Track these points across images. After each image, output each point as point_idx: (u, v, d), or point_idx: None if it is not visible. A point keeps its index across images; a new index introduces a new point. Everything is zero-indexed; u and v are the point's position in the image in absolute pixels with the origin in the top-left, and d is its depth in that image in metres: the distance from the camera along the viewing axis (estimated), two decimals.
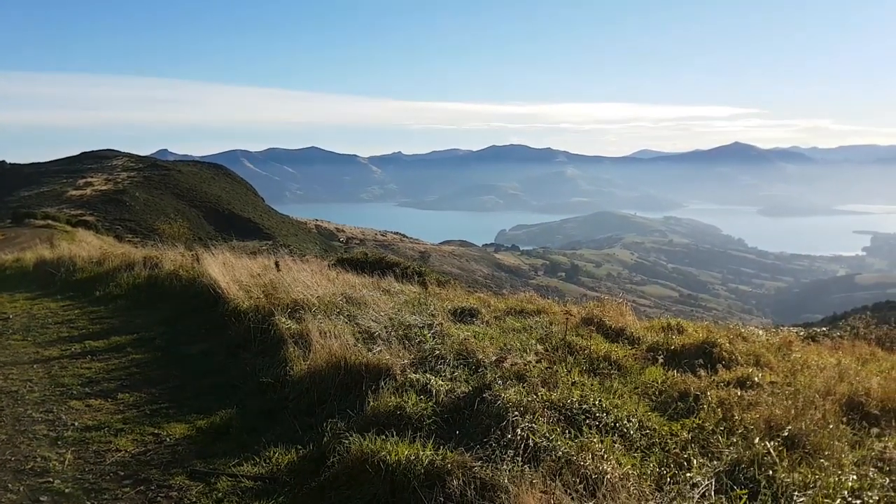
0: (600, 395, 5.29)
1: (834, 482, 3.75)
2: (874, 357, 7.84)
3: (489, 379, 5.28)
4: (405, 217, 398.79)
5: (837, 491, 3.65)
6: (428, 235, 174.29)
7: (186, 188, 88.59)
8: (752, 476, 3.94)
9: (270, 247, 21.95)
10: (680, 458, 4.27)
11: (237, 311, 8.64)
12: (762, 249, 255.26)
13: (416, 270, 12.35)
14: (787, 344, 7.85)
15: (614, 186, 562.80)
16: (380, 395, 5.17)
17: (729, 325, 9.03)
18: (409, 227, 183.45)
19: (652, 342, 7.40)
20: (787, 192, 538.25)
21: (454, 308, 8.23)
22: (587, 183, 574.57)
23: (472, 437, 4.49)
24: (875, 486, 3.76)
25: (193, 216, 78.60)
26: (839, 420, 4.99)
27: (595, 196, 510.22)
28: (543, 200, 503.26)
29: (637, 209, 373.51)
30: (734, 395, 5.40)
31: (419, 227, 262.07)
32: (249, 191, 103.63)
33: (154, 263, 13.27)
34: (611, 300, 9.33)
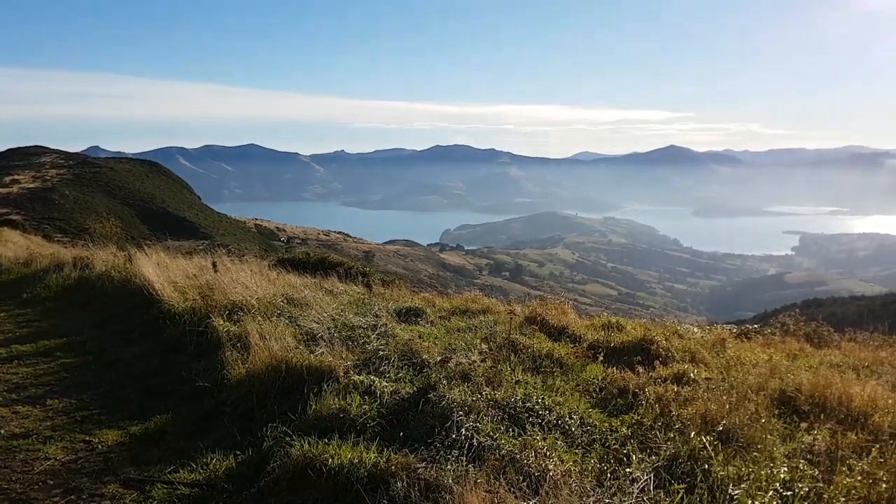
0: (543, 393, 5.36)
1: (766, 475, 3.89)
2: (803, 353, 8.20)
3: (434, 379, 5.27)
4: (349, 216, 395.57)
5: (770, 483, 3.79)
6: (372, 235, 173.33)
7: (119, 186, 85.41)
8: (690, 470, 4.05)
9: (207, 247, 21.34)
10: (620, 453, 4.35)
11: (172, 314, 8.34)
12: (697, 249, 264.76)
13: (361, 270, 12.22)
14: (720, 341, 8.12)
15: (557, 187, 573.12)
16: (322, 398, 5.08)
17: (665, 322, 9.29)
18: (352, 227, 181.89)
19: (593, 340, 7.54)
20: (720, 194, 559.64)
21: (399, 308, 8.18)
22: (530, 184, 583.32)
23: (417, 439, 4.46)
24: (805, 478, 3.91)
25: (126, 215, 75.83)
26: (771, 414, 5.18)
27: (538, 197, 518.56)
28: (488, 200, 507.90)
29: (578, 210, 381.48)
30: (671, 390, 5.55)
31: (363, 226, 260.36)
32: (185, 189, 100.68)
33: (85, 264, 12.72)
34: (553, 299, 9.47)
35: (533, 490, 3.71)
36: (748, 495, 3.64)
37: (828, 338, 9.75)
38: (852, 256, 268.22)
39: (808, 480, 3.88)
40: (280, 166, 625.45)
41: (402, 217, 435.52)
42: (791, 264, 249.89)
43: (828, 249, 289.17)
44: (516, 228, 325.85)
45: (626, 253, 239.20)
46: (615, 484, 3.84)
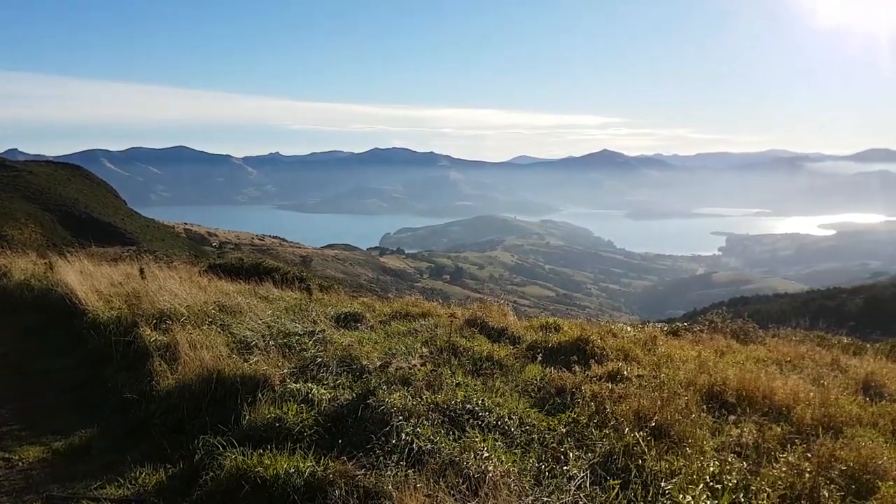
0: (483, 394, 5.39)
1: (697, 468, 4.02)
2: (730, 349, 8.53)
3: (373, 385, 5.22)
4: (285, 220, 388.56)
5: (700, 477, 3.92)
6: (310, 239, 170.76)
7: (38, 190, 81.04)
8: (624, 466, 4.15)
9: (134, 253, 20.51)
10: (557, 451, 4.42)
11: (97, 324, 7.97)
12: (629, 250, 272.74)
13: (298, 275, 11.99)
14: (652, 339, 8.37)
15: (495, 191, 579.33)
16: (257, 408, 4.96)
17: (601, 322, 9.51)
18: (289, 231, 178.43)
19: (532, 341, 7.64)
20: (652, 197, 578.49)
21: (337, 313, 8.07)
22: (470, 187, 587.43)
23: (356, 445, 4.41)
24: (734, 470, 4.06)
25: (47, 221, 72.04)
26: (701, 409, 5.37)
27: (477, 200, 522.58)
28: (428, 204, 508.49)
29: (517, 213, 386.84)
30: (606, 388, 5.67)
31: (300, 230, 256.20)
32: (110, 193, 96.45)
33: (2, 273, 12.02)
34: (493, 301, 9.55)
35: (472, 492, 3.72)
36: (680, 489, 3.75)
37: (753, 334, 10.18)
38: (775, 256, 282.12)
39: (736, 473, 4.03)
40: (211, 169, 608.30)
41: (341, 220, 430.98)
42: (718, 264, 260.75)
43: (752, 249, 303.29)
44: (457, 232, 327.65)
45: (564, 255, 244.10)
46: (553, 482, 3.89)
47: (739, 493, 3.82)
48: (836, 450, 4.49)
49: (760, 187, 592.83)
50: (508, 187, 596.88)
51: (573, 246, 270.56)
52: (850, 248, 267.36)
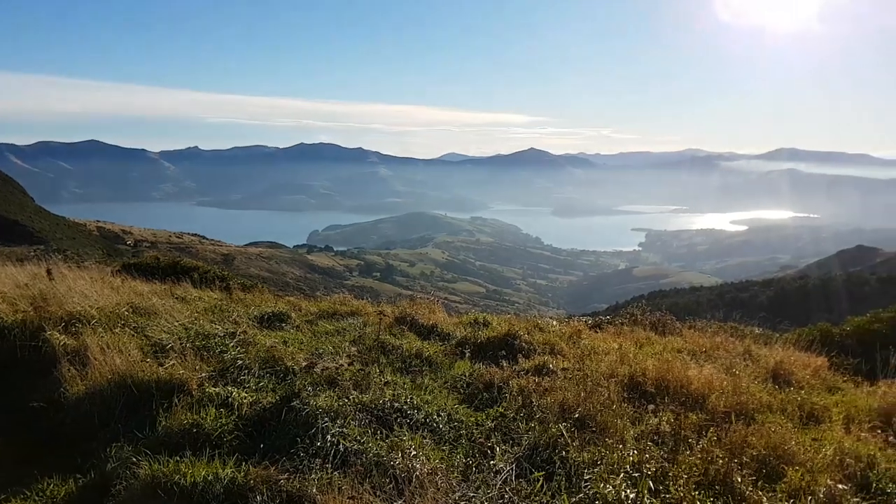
0: (412, 392, 5.37)
1: (618, 458, 4.13)
2: (649, 341, 8.81)
3: (298, 386, 5.09)
4: (205, 217, 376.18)
5: (621, 466, 4.03)
6: (232, 237, 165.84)
7: None
8: (549, 457, 4.22)
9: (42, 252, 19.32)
10: (485, 446, 4.45)
11: (0, 328, 7.43)
12: (556, 247, 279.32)
13: (218, 275, 11.57)
14: (577, 332, 8.56)
15: (425, 187, 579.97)
16: (173, 414, 4.75)
17: (528, 317, 9.65)
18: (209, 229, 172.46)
19: (461, 337, 7.67)
20: (576, 195, 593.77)
21: (261, 314, 7.83)
22: (400, 184, 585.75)
23: (280, 449, 4.30)
24: (652, 458, 4.19)
25: None
26: (622, 399, 5.52)
27: (408, 197, 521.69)
28: (357, 200, 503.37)
29: (447, 210, 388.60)
30: (532, 382, 5.75)
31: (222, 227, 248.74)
32: (16, 189, 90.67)
33: None
34: (423, 298, 9.53)
35: (399, 491, 3.69)
36: (601, 479, 3.85)
37: (671, 326, 10.56)
38: (692, 251, 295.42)
39: (655, 461, 4.17)
40: (126, 164, 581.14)
41: (266, 217, 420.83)
42: (639, 259, 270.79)
43: (670, 245, 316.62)
44: (387, 229, 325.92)
45: (493, 251, 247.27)
46: (480, 477, 3.91)
47: (657, 481, 3.95)
48: (748, 436, 4.71)
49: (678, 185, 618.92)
50: (439, 184, 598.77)
51: (503, 242, 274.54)
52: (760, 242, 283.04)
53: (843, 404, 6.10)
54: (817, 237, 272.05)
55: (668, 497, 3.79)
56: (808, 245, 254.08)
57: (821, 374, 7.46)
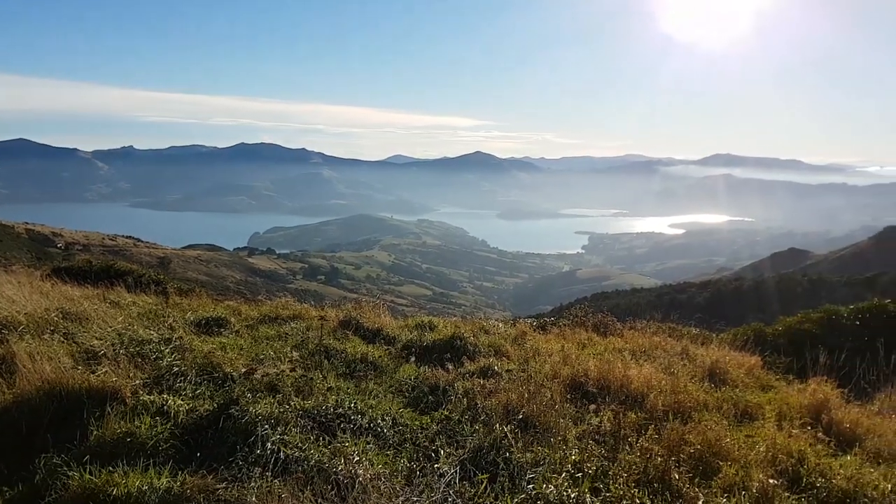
0: (356, 397, 5.31)
1: (560, 457, 4.18)
2: (591, 341, 8.98)
3: (237, 393, 4.95)
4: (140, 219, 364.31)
5: (563, 465, 4.08)
6: (169, 239, 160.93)
7: None
8: (493, 459, 4.24)
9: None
10: (429, 450, 4.44)
11: None
12: (502, 249, 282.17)
13: (154, 279, 11.18)
14: (521, 334, 8.66)
15: (371, 189, 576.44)
16: (106, 422, 4.54)
17: (474, 319, 9.70)
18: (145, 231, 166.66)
19: (407, 340, 7.64)
20: (521, 198, 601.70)
21: (198, 319, 7.59)
22: (344, 185, 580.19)
23: (217, 458, 4.17)
24: (594, 458, 4.26)
25: None
26: (565, 399, 5.59)
27: (353, 199, 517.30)
28: (300, 202, 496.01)
29: (393, 212, 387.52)
30: (478, 384, 5.78)
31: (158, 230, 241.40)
32: None
33: None
34: (369, 302, 9.44)
35: (341, 497, 3.63)
36: (544, 479, 3.89)
37: (612, 327, 10.78)
38: (632, 253, 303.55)
39: (596, 460, 4.24)
40: (56, 163, 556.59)
41: (204, 219, 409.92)
42: (582, 261, 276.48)
43: (612, 247, 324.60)
44: (332, 231, 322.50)
45: (440, 254, 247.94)
46: (424, 481, 3.89)
47: (598, 479, 4.01)
48: (686, 434, 4.84)
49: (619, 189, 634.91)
50: (385, 186, 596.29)
51: (449, 245, 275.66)
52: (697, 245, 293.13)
53: (776, 402, 6.33)
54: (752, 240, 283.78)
55: (608, 495, 3.85)
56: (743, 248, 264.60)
57: (754, 372, 7.74)
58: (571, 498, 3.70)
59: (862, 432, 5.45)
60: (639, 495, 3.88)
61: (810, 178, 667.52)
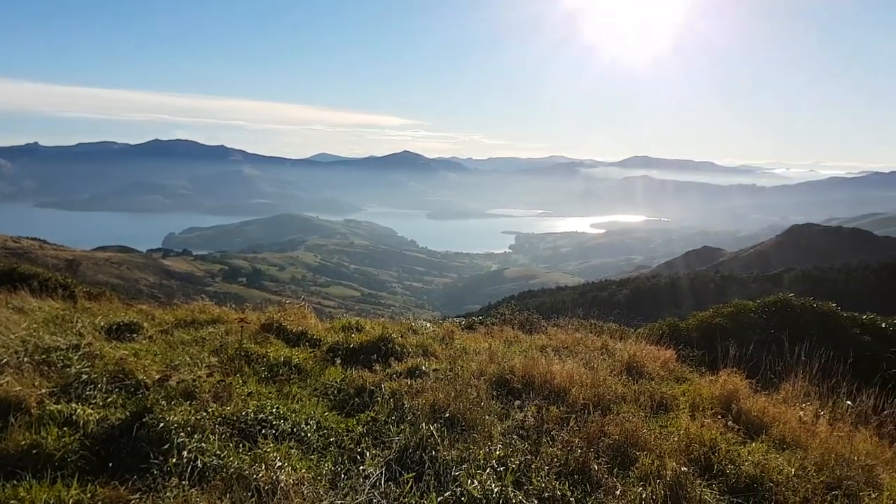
0: (278, 402, 5.20)
1: (484, 453, 4.23)
2: (517, 339, 9.14)
3: (151, 401, 4.75)
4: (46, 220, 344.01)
5: (488, 461, 4.14)
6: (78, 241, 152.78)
7: None
8: (419, 458, 4.24)
9: None
10: (355, 452, 4.40)
11: None
12: (432, 249, 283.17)
13: (61, 282, 10.57)
14: (449, 333, 8.72)
15: (295, 188, 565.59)
16: (9, 434, 4.27)
17: (402, 320, 9.68)
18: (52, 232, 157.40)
19: (333, 342, 7.54)
20: (450, 198, 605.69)
21: (109, 324, 7.22)
22: (267, 184, 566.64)
23: (131, 468, 4.00)
24: (517, 452, 4.34)
25: None
26: (491, 396, 5.67)
27: (276, 198, 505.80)
28: (219, 201, 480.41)
29: (319, 212, 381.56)
30: (405, 384, 5.78)
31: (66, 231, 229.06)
32: None
33: None
34: (293, 304, 9.25)
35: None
36: (469, 475, 3.93)
37: (537, 324, 11.03)
38: (557, 253, 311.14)
39: (520, 454, 4.32)
40: None
41: (116, 220, 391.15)
42: (509, 261, 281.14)
43: (538, 247, 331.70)
44: (253, 231, 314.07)
45: (368, 254, 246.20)
46: (348, 483, 3.86)
47: (521, 473, 4.09)
48: (605, 425, 5.00)
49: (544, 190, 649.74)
50: (310, 185, 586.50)
51: (377, 245, 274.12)
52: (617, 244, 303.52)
53: (689, 393, 6.59)
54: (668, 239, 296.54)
55: (530, 488, 3.93)
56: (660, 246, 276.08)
57: (669, 365, 8.05)
58: (495, 492, 3.76)
59: (768, 420, 5.74)
60: (560, 487, 3.98)
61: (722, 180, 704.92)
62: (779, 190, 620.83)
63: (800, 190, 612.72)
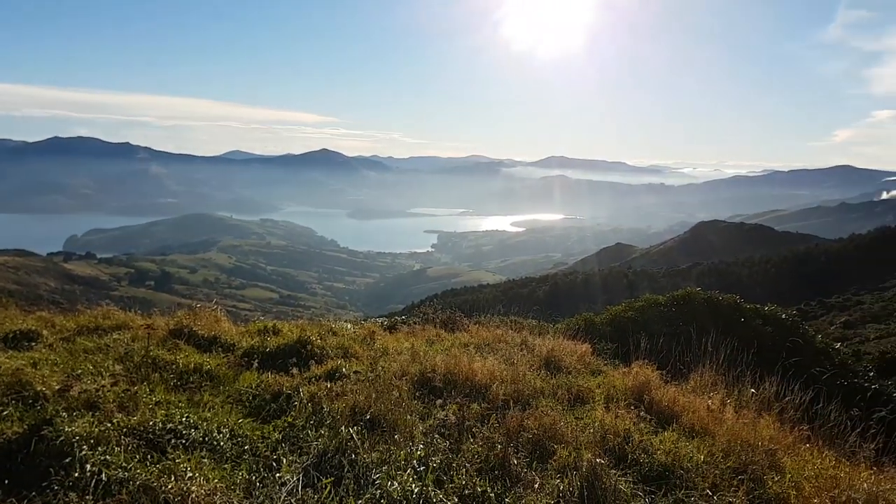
0: (189, 410, 4.97)
1: (405, 454, 4.21)
2: (440, 338, 9.15)
3: (50, 413, 4.44)
4: None
5: (408, 462, 4.12)
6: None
7: None
8: (339, 462, 4.16)
9: None
10: (270, 459, 4.27)
11: None
12: (353, 249, 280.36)
13: None
14: (371, 334, 8.63)
15: (207, 187, 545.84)
16: None
17: (322, 321, 9.50)
18: None
19: (248, 347, 7.30)
20: (370, 197, 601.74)
21: (5, 333, 6.71)
22: (176, 183, 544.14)
23: (28, 484, 3.74)
24: (439, 451, 4.34)
25: None
26: (412, 396, 5.65)
27: (186, 197, 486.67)
28: (124, 201, 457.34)
29: (233, 211, 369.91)
30: (324, 388, 5.65)
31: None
32: None
33: None
34: (205, 307, 8.91)
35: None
36: (389, 476, 3.89)
37: (459, 323, 11.10)
38: (479, 251, 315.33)
39: (441, 453, 4.32)
40: None
41: (13, 221, 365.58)
42: (432, 260, 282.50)
43: (460, 246, 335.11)
44: (162, 232, 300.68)
45: (286, 255, 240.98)
46: (264, 492, 3.74)
47: (442, 472, 4.10)
48: (524, 420, 5.08)
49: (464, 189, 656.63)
50: (223, 184, 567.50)
51: (296, 245, 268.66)
52: (537, 242, 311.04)
53: (604, 386, 6.79)
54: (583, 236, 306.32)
55: (451, 487, 3.94)
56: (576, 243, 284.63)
57: (585, 359, 8.28)
58: (415, 493, 3.74)
59: (679, 409, 5.99)
60: (480, 483, 4.01)
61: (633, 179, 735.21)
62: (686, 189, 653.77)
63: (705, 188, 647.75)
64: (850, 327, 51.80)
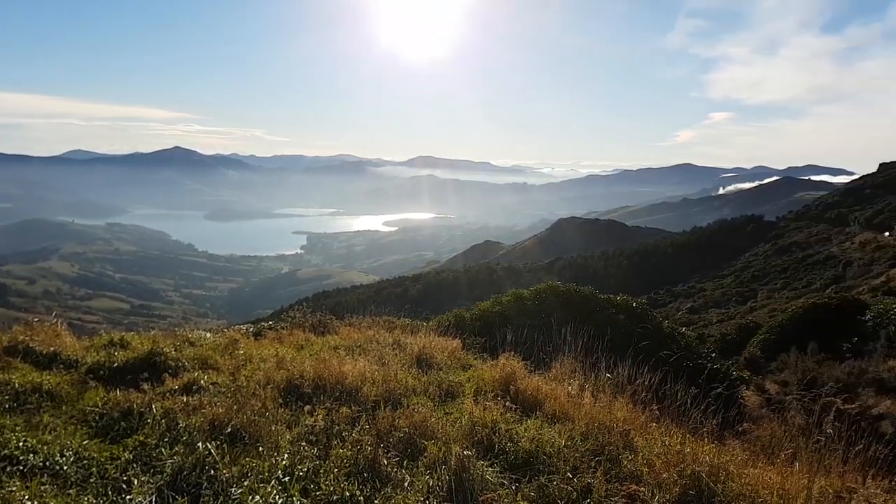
0: (26, 434, 4.51)
1: (269, 465, 4.04)
2: (309, 342, 8.91)
3: None
4: None
5: (273, 473, 3.95)
6: None
7: None
8: (196, 480, 3.92)
9: None
10: (120, 481, 3.95)
11: None
12: (213, 253, 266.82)
13: None
14: (233, 342, 8.21)
15: (45, 190, 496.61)
16: None
17: (179, 331, 8.92)
18: None
19: (93, 363, 6.70)
20: (231, 197, 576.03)
21: None
22: (9, 185, 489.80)
23: None
24: (306, 459, 4.21)
25: None
26: (279, 405, 5.43)
27: (21, 201, 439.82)
28: None
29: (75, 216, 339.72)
30: (180, 402, 5.31)
31: None
32: None
33: None
34: (44, 321, 8.08)
35: None
36: (251, 490, 3.72)
37: (330, 325, 10.88)
38: (351, 251, 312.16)
39: (308, 460, 4.18)
40: None
41: None
42: (302, 262, 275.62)
43: (331, 246, 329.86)
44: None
45: (137, 261, 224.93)
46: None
47: (308, 480, 3.97)
48: (395, 419, 5.05)
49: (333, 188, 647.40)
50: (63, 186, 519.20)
51: (148, 251, 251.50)
52: (409, 241, 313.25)
53: (474, 379, 6.93)
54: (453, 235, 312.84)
55: (319, 494, 3.83)
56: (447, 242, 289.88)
57: (456, 354, 8.40)
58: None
59: (542, 397, 6.21)
60: (349, 487, 3.93)
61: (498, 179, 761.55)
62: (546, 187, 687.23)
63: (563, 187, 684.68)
64: (694, 312, 56.86)
